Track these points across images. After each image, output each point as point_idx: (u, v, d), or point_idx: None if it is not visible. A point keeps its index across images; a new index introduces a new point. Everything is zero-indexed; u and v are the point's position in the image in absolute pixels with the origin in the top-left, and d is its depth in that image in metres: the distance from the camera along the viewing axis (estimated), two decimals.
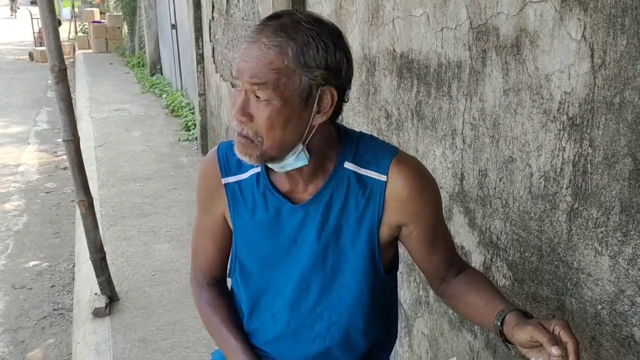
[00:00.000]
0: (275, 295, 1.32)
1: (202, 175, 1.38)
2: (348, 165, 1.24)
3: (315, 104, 1.13)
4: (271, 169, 1.25)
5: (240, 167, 1.31)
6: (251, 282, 1.35)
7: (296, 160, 1.18)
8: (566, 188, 1.39)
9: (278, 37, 1.09)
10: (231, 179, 1.31)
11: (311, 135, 1.17)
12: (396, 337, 1.49)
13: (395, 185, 1.23)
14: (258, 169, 1.28)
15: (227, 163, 1.31)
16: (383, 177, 1.23)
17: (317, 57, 1.10)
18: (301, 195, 1.27)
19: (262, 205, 1.28)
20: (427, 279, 1.40)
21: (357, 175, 1.24)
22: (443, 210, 1.39)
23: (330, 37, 1.12)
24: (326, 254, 1.26)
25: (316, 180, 1.25)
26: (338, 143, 1.26)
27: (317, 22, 1.12)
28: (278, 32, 1.09)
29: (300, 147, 1.17)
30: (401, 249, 1.41)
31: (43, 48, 12.26)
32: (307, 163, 1.20)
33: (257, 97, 1.10)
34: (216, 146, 1.37)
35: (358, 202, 1.24)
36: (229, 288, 1.49)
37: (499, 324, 1.15)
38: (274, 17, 1.13)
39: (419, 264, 1.36)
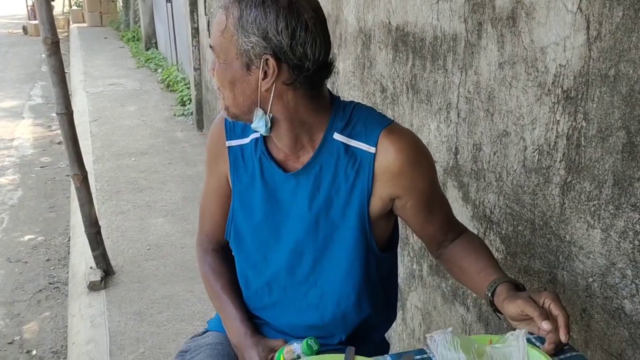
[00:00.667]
0: (269, 261, 1.32)
1: (210, 136, 1.40)
2: (337, 136, 1.23)
3: (261, 71, 1.13)
4: (269, 135, 1.25)
5: (244, 132, 1.32)
6: (245, 247, 1.35)
7: (258, 125, 1.20)
8: (560, 161, 1.39)
9: (229, 0, 1.13)
10: (234, 142, 1.33)
11: (270, 102, 1.16)
12: (394, 319, 1.49)
13: (386, 157, 1.21)
14: (257, 134, 1.28)
15: (233, 126, 1.34)
16: (372, 149, 1.21)
17: (255, 24, 1.10)
18: (293, 164, 1.27)
19: (258, 170, 1.29)
20: (425, 244, 1.40)
21: (347, 146, 1.23)
22: (438, 180, 1.39)
23: (279, 8, 1.09)
24: (318, 224, 1.26)
25: (305, 150, 1.25)
26: (329, 113, 1.24)
27: None
28: None
29: (259, 112, 1.18)
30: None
31: (36, 22, 12.15)
32: (265, 132, 1.21)
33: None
34: None
35: (348, 174, 1.23)
36: None
37: (489, 294, 1.16)
38: None
39: (416, 233, 1.36)
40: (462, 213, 1.83)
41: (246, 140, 1.32)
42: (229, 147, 1.33)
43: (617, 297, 1.27)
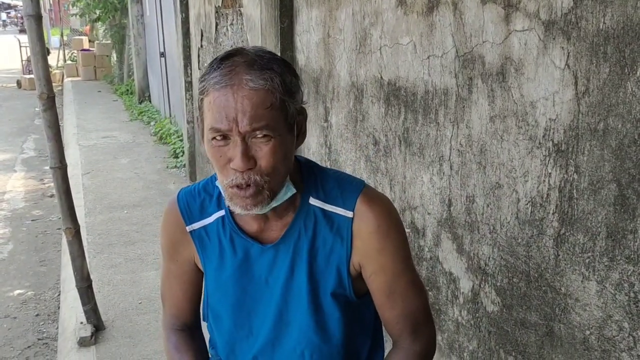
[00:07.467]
0: (255, 338, 1.27)
1: (164, 225, 1.34)
2: (313, 201, 1.21)
3: (295, 129, 1.14)
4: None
5: (203, 212, 1.28)
6: (225, 327, 1.30)
7: (285, 192, 1.15)
8: (553, 213, 1.40)
9: (259, 72, 1.05)
10: (196, 225, 1.28)
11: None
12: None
13: (363, 221, 1.18)
14: (222, 212, 1.25)
15: (189, 210, 1.29)
16: (349, 214, 1.19)
17: (292, 82, 1.11)
18: (270, 234, 1.23)
19: (229, 249, 1.24)
20: None
21: (324, 211, 1.20)
22: (412, 256, 1.31)
23: (284, 63, 1.12)
24: (300, 291, 1.22)
25: (286, 216, 1.21)
26: (300, 176, 1.23)
27: (269, 52, 1.12)
28: (255, 68, 1.05)
29: (287, 177, 1.16)
30: None
31: (31, 76, 12.23)
32: (295, 191, 1.17)
33: (258, 138, 1.06)
34: (175, 195, 1.34)
35: (325, 239, 1.20)
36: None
37: None
38: (230, 56, 1.09)
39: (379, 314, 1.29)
40: (456, 265, 1.83)
41: (209, 220, 1.27)
42: (191, 231, 1.28)
43: (614, 350, 1.26)
